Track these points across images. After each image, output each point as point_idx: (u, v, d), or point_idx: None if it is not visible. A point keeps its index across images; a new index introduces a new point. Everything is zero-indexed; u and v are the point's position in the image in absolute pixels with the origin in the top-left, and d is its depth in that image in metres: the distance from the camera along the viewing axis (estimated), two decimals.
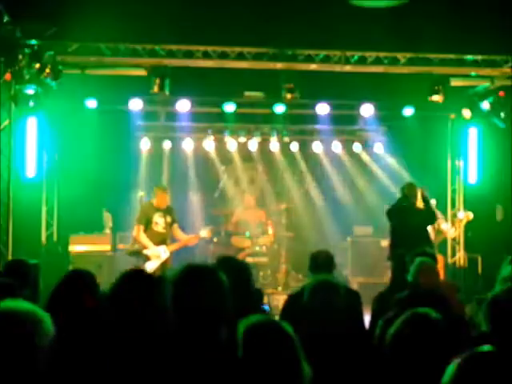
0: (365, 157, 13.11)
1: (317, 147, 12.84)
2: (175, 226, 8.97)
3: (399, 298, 3.93)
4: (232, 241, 12.19)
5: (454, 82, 9.72)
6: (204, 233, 9.30)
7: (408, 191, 9.03)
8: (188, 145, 12.56)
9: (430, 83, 9.63)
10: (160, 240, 8.75)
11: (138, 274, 3.02)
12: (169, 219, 8.83)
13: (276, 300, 9.94)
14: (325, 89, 10.07)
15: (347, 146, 12.87)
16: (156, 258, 8.64)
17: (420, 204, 8.68)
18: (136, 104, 10.21)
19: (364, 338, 3.07)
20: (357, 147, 12.86)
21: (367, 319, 5.09)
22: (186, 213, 11.47)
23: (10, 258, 8.68)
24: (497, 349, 2.08)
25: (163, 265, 8.64)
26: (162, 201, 8.85)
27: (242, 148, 13.05)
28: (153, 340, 2.68)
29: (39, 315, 2.26)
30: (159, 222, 8.76)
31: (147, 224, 8.75)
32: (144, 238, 8.69)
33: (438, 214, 9.25)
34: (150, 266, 8.53)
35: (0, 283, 3.75)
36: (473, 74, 9.57)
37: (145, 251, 8.69)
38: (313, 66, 9.12)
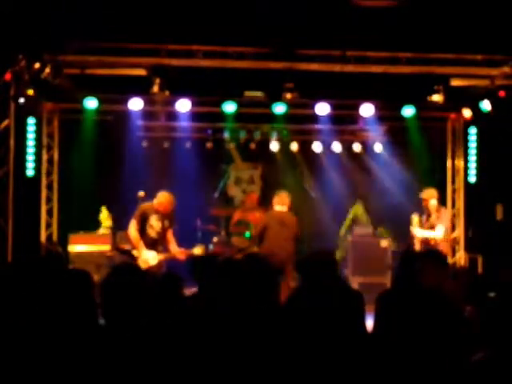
0: (365, 157, 13.11)
1: (317, 147, 12.84)
2: (170, 230, 8.72)
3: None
4: (232, 241, 12.20)
5: (454, 82, 9.72)
6: (197, 250, 9.03)
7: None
8: (188, 145, 12.56)
9: (430, 83, 9.63)
10: (150, 245, 8.48)
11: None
12: (166, 223, 8.60)
13: None
14: (325, 89, 10.05)
15: (347, 146, 12.87)
16: (143, 262, 8.33)
17: None
18: (136, 104, 10.19)
19: (366, 339, 3.05)
20: (357, 147, 12.86)
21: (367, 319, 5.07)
22: (186, 213, 11.45)
23: (9, 257, 8.69)
24: None
25: (154, 271, 8.21)
26: (165, 208, 8.59)
27: (242, 148, 13.06)
28: None
29: None
30: (154, 225, 8.51)
31: (142, 224, 8.48)
32: (137, 238, 8.42)
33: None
34: None
35: None
36: (473, 74, 9.58)
37: (134, 252, 8.44)
38: (313, 66, 9.11)
